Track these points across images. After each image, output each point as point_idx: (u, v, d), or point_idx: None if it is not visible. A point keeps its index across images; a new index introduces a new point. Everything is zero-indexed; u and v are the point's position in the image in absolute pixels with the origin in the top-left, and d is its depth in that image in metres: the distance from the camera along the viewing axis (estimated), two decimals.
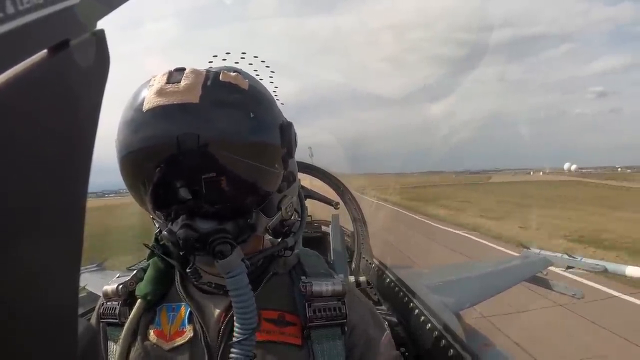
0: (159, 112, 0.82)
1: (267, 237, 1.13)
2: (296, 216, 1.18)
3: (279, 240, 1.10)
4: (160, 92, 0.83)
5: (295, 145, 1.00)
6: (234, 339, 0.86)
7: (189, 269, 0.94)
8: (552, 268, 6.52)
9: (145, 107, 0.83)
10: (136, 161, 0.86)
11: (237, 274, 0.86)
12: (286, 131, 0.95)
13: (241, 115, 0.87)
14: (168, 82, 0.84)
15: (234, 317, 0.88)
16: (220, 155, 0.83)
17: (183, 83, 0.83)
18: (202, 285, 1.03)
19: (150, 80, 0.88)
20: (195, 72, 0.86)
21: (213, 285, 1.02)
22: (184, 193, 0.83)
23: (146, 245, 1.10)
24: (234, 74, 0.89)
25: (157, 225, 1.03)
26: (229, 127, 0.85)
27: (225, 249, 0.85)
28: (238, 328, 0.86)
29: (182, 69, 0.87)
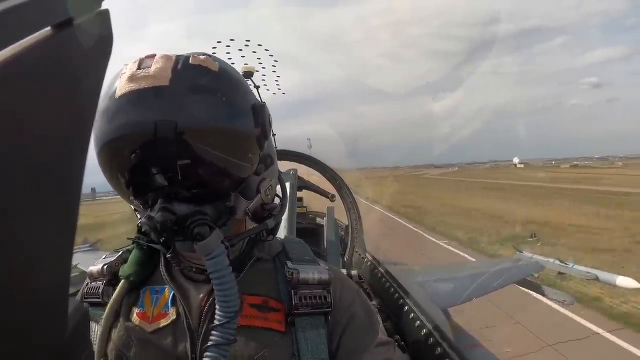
0: (131, 98, 0.82)
1: (251, 223, 1.10)
2: (278, 201, 1.16)
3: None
4: (131, 79, 0.83)
5: (270, 126, 0.99)
6: (216, 322, 0.85)
7: (169, 254, 0.94)
8: None
9: (118, 94, 0.83)
10: (112, 150, 0.85)
11: (216, 256, 0.85)
12: (259, 112, 0.94)
13: (212, 96, 0.87)
14: (139, 68, 0.84)
15: (216, 300, 0.86)
16: (193, 139, 0.83)
17: (153, 68, 0.83)
18: (184, 270, 1.03)
19: (122, 69, 0.87)
20: (165, 57, 0.85)
21: (194, 270, 1.02)
22: (160, 179, 0.83)
23: (130, 239, 1.10)
24: (204, 57, 0.88)
25: (139, 216, 1.02)
26: (200, 108, 0.85)
27: (204, 230, 0.84)
28: (219, 311, 0.85)
29: (153, 56, 0.86)
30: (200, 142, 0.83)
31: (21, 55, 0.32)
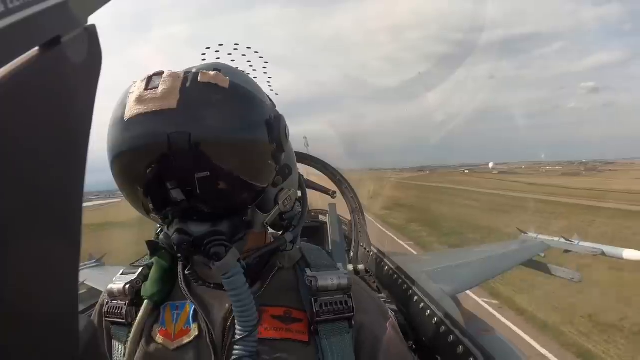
0: (139, 121, 0.81)
1: (270, 231, 1.11)
2: (297, 206, 1.15)
3: (280, 233, 1.09)
4: (139, 100, 0.82)
5: (287, 138, 0.98)
6: (236, 337, 0.87)
7: (188, 271, 0.95)
8: None
9: (127, 115, 0.82)
10: (124, 167, 0.86)
11: (233, 275, 0.86)
12: (274, 126, 0.92)
13: (222, 114, 0.86)
14: (146, 88, 0.83)
15: (234, 315, 0.88)
16: (203, 157, 0.82)
17: (161, 88, 0.82)
18: (204, 283, 1.02)
19: (131, 86, 0.87)
20: (173, 75, 0.83)
21: (212, 286, 1.01)
22: (176, 194, 0.83)
23: (148, 243, 1.08)
24: (214, 72, 0.86)
25: (158, 226, 1.02)
26: (209, 127, 0.83)
27: (220, 250, 0.85)
28: (239, 325, 0.87)
29: (161, 73, 0.85)
30: (208, 156, 0.83)
31: (11, 78, 0.32)
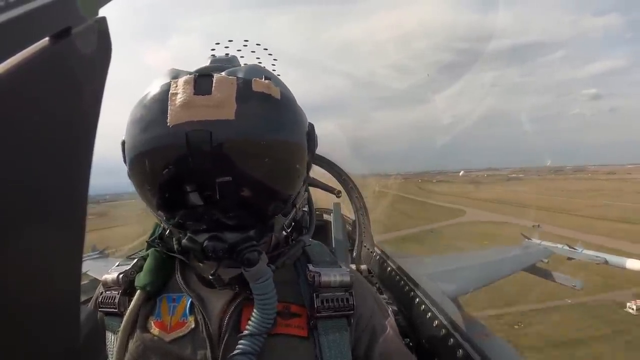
0: (195, 130, 0.78)
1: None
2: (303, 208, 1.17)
3: (287, 232, 1.09)
4: (188, 105, 0.79)
5: (316, 147, 1.01)
6: (246, 331, 0.88)
7: (212, 276, 0.93)
8: None
9: (173, 120, 0.79)
10: (158, 167, 0.84)
11: (265, 280, 0.89)
12: (312, 136, 0.97)
13: (276, 127, 0.87)
14: (196, 92, 0.80)
15: (253, 313, 0.89)
16: (261, 167, 0.84)
17: (216, 96, 0.79)
18: (202, 276, 1.02)
19: (170, 84, 0.82)
20: (225, 81, 0.81)
21: (207, 282, 1.00)
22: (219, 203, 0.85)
23: (148, 243, 1.09)
24: (267, 81, 0.86)
25: (163, 225, 1.02)
26: (266, 140, 0.84)
27: (253, 257, 0.87)
28: (255, 323, 0.88)
29: (209, 76, 0.82)
30: (267, 173, 0.86)
31: (21, 66, 0.32)
